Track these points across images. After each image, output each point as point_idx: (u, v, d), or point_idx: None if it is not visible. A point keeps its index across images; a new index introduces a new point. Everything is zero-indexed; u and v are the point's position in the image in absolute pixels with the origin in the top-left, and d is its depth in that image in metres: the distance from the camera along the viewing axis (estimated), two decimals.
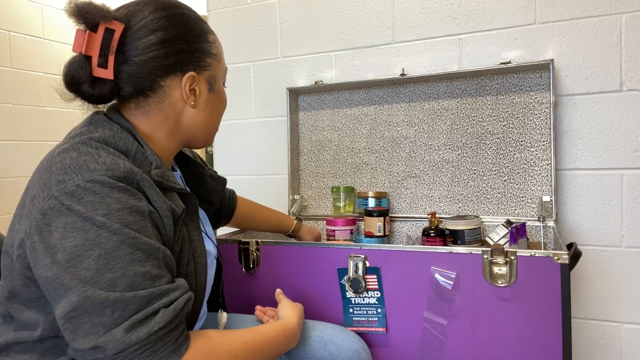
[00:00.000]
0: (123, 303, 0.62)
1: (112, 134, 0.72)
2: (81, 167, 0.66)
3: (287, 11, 1.73)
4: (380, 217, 1.45)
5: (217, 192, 1.02)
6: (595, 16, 1.36)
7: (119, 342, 0.61)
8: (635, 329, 1.37)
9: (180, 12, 0.78)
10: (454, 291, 0.99)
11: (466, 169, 1.50)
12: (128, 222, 0.64)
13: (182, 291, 0.68)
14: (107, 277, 0.62)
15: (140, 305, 0.63)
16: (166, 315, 0.64)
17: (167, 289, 0.66)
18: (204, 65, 0.80)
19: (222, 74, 0.86)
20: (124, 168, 0.67)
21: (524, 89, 1.42)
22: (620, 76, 1.35)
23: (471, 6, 1.49)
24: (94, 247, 0.62)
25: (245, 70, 1.82)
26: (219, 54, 0.84)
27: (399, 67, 1.59)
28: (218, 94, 0.85)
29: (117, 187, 0.65)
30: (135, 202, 0.66)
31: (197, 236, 0.82)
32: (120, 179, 0.66)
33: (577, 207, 1.41)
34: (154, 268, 0.66)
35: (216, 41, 0.84)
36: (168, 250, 0.70)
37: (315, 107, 1.69)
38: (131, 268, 0.63)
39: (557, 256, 0.92)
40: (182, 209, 0.76)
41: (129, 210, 0.65)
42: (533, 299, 0.94)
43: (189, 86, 0.78)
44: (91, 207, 0.63)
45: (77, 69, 0.73)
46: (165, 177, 0.75)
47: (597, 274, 1.39)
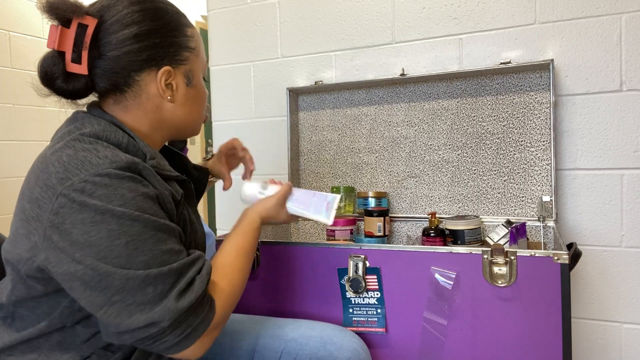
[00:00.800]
0: (162, 277, 0.67)
1: (101, 128, 0.73)
2: (83, 162, 0.67)
3: (287, 11, 1.73)
4: (380, 217, 1.45)
5: (202, 183, 1.04)
6: (595, 16, 1.36)
7: (173, 312, 0.66)
8: (635, 329, 1.37)
9: (155, 5, 0.78)
10: (454, 291, 0.99)
11: (466, 169, 1.50)
12: (144, 207, 0.68)
13: (203, 258, 0.75)
14: (140, 260, 0.66)
15: (177, 276, 0.68)
16: (203, 280, 0.71)
17: (192, 259, 0.72)
18: (181, 60, 0.80)
19: (202, 68, 0.86)
20: (125, 159, 0.69)
21: (524, 89, 1.42)
22: (620, 76, 1.35)
23: (471, 6, 1.49)
24: (120, 235, 0.65)
25: (245, 70, 1.82)
26: (197, 48, 0.84)
27: (399, 67, 1.59)
28: (196, 88, 0.84)
29: (125, 177, 0.67)
30: (144, 189, 0.69)
31: (197, 219, 0.85)
32: (125, 169, 0.68)
33: (577, 207, 1.41)
34: (176, 244, 0.71)
35: (195, 35, 0.83)
36: (179, 228, 0.74)
37: (315, 107, 1.69)
38: (158, 247, 0.68)
39: (557, 256, 0.92)
40: (181, 194, 0.79)
41: (142, 197, 0.68)
42: (533, 299, 0.94)
43: (165, 81, 0.78)
44: (106, 200, 0.65)
45: (50, 65, 0.73)
46: (161, 166, 0.77)
47: (597, 274, 1.39)
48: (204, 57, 0.87)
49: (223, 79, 1.86)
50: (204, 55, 0.87)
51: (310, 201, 1.01)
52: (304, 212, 1.00)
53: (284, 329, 0.98)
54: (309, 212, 1.00)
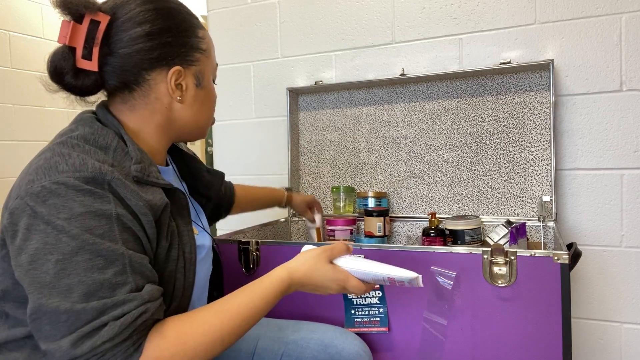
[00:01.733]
0: (75, 314, 0.61)
1: (92, 130, 0.72)
2: (51, 168, 0.65)
3: (287, 11, 1.73)
4: (380, 217, 1.45)
5: (214, 186, 1.01)
6: (595, 16, 1.36)
7: (64, 354, 0.61)
8: (635, 329, 1.37)
9: (168, 5, 0.78)
10: (454, 291, 0.99)
11: (466, 169, 1.50)
12: (90, 226, 0.63)
13: (138, 302, 0.64)
14: (65, 283, 0.61)
15: (93, 316, 0.61)
16: (112, 329, 0.62)
17: (121, 300, 0.63)
18: (192, 60, 0.79)
19: (212, 70, 0.85)
20: (92, 169, 0.65)
21: (524, 89, 1.42)
22: (620, 76, 1.35)
23: (471, 6, 1.49)
24: (53, 251, 0.61)
25: (245, 70, 1.81)
26: (209, 50, 0.83)
27: (399, 67, 1.59)
28: (206, 90, 0.83)
29: (82, 190, 0.64)
30: (101, 205, 0.64)
31: (187, 232, 0.80)
32: (88, 180, 0.65)
33: (577, 207, 1.41)
34: (116, 275, 0.64)
35: (206, 37, 0.83)
36: (138, 256, 0.67)
37: (315, 107, 1.69)
38: (89, 275, 0.62)
39: (557, 256, 0.92)
40: (165, 202, 0.73)
41: (92, 214, 0.63)
42: (533, 299, 0.93)
43: (175, 81, 0.78)
44: (54, 210, 0.62)
45: (60, 60, 0.73)
46: (146, 172, 0.73)
47: (597, 274, 1.39)
48: (215, 60, 0.86)
49: (223, 79, 1.86)
50: (215, 57, 0.87)
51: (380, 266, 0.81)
52: (378, 270, 0.80)
53: (285, 331, 0.97)
54: (387, 270, 0.79)
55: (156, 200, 0.71)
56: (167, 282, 0.74)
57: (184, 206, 0.81)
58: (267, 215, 1.76)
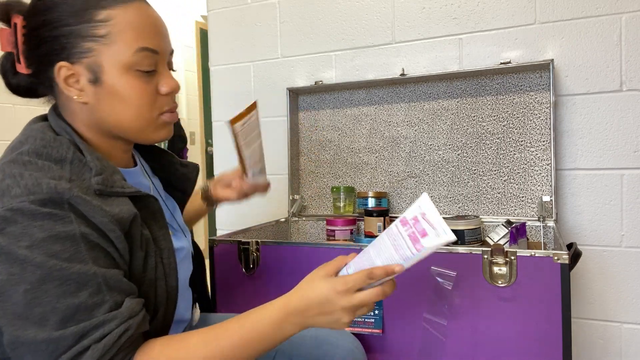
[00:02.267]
0: (53, 342, 0.59)
1: (43, 143, 0.67)
2: (3, 192, 0.61)
3: (287, 11, 1.73)
4: (380, 217, 1.45)
5: (189, 179, 0.95)
6: (595, 16, 1.36)
7: None
8: (635, 329, 1.37)
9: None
10: (454, 291, 0.99)
11: (466, 169, 1.50)
12: (55, 251, 0.59)
13: (119, 321, 0.62)
14: (38, 312, 0.59)
15: (73, 341, 0.59)
16: (95, 352, 0.59)
17: (101, 321, 0.61)
18: (80, 52, 0.68)
19: (123, 59, 0.69)
20: (47, 189, 0.61)
21: (524, 89, 1.42)
22: (620, 76, 1.35)
23: (471, 6, 1.49)
24: (20, 282, 0.58)
25: (245, 70, 1.82)
26: (112, 35, 0.68)
27: (399, 67, 1.59)
28: (109, 85, 0.69)
29: (40, 214, 0.60)
30: (62, 227, 0.61)
31: (163, 236, 0.76)
32: (45, 202, 0.60)
33: (577, 207, 1.41)
34: (91, 296, 0.61)
35: (112, 18, 0.68)
36: (111, 272, 0.64)
37: (315, 107, 1.69)
38: (62, 301, 0.59)
39: (557, 256, 0.92)
40: (133, 214, 0.68)
41: (55, 238, 0.60)
42: (533, 299, 0.93)
43: (65, 79, 0.69)
44: (13, 239, 0.59)
45: (3, 63, 0.74)
46: (109, 183, 0.67)
47: (597, 274, 1.39)
48: (133, 45, 0.69)
49: (223, 79, 1.86)
50: (134, 42, 0.69)
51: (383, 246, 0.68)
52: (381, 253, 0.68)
53: None
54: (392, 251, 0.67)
55: (123, 213, 0.66)
56: (149, 291, 0.71)
57: (157, 210, 0.76)
58: (267, 215, 1.76)
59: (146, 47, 0.70)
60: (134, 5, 0.70)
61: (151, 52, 0.71)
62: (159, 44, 0.72)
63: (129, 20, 0.69)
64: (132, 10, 0.69)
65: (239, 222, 1.82)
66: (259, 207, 1.80)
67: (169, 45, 0.76)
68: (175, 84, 0.75)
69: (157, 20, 0.73)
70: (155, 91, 0.73)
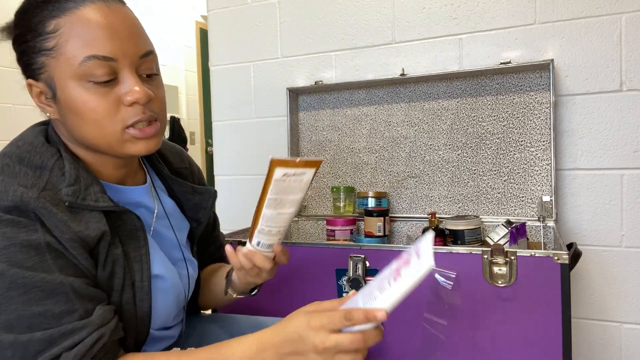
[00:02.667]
0: (21, 346, 0.57)
1: (31, 147, 0.66)
2: None
3: (287, 11, 1.73)
4: (380, 217, 1.45)
5: (203, 208, 0.87)
6: (595, 16, 1.36)
7: None
8: (635, 329, 1.37)
9: (20, 7, 0.67)
10: (454, 291, 0.99)
11: (466, 169, 1.50)
12: (18, 260, 0.58)
13: (90, 329, 0.60)
14: (2, 319, 0.57)
15: (40, 347, 0.57)
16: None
17: (70, 329, 0.59)
18: (37, 69, 0.65)
19: (71, 72, 0.63)
20: (12, 197, 0.59)
21: (524, 89, 1.42)
22: (620, 76, 1.35)
23: (471, 6, 1.49)
24: None
25: (245, 70, 1.81)
26: (59, 46, 0.62)
27: (399, 67, 1.59)
28: (63, 100, 0.65)
29: (4, 221, 0.58)
30: (26, 235, 0.59)
31: (139, 258, 0.70)
32: (9, 209, 0.59)
33: (577, 207, 1.41)
34: (59, 304, 0.59)
35: (59, 28, 0.62)
36: (80, 281, 0.61)
37: (315, 107, 1.69)
38: (27, 309, 0.58)
39: (557, 256, 0.92)
40: (102, 232, 0.65)
41: (18, 246, 0.58)
42: (533, 299, 0.93)
43: (35, 96, 0.68)
44: None
45: None
46: (81, 195, 0.64)
47: (597, 274, 1.39)
48: (81, 55, 0.62)
49: (223, 79, 1.86)
50: (83, 49, 0.62)
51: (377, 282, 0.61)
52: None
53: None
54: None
55: (89, 231, 0.63)
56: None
57: (137, 229, 0.71)
58: None
59: (94, 55, 0.62)
60: (84, 9, 0.63)
61: (102, 60, 0.63)
62: (115, 48, 0.63)
63: (76, 27, 0.62)
64: (80, 16, 0.62)
65: (238, 222, 1.82)
66: None
67: (138, 47, 0.66)
68: (140, 93, 0.65)
69: (115, 22, 0.64)
70: (116, 102, 0.65)
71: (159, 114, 0.70)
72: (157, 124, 0.70)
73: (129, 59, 0.65)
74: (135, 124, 0.66)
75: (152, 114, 0.68)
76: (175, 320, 0.84)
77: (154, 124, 0.69)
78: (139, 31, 0.68)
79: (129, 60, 0.65)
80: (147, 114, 0.67)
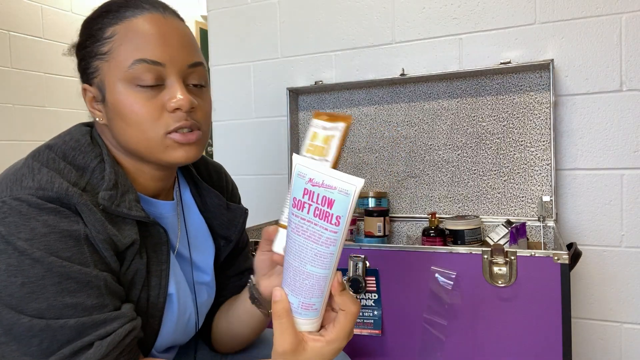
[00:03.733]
0: (50, 332, 0.56)
1: (76, 145, 0.67)
2: (15, 181, 0.60)
3: (287, 11, 1.73)
4: (380, 217, 1.45)
5: (235, 225, 0.85)
6: (595, 16, 1.36)
7: None
8: (635, 329, 1.37)
9: (86, 18, 0.71)
10: (454, 291, 0.99)
11: (466, 169, 1.50)
12: (56, 249, 0.58)
13: (123, 321, 0.61)
14: (33, 307, 0.57)
15: (71, 336, 0.57)
16: (99, 349, 0.58)
17: (103, 319, 0.59)
18: (92, 73, 0.68)
19: (121, 74, 0.65)
20: (58, 188, 0.60)
21: (524, 89, 1.42)
22: (620, 76, 1.35)
23: (471, 6, 1.49)
24: (17, 273, 0.57)
25: (245, 70, 1.81)
26: (112, 50, 0.66)
27: (399, 67, 1.59)
28: (111, 103, 0.67)
29: (46, 209, 0.59)
30: (67, 225, 0.60)
31: (159, 272, 0.70)
32: (52, 199, 0.60)
33: (577, 207, 1.41)
34: (91, 298, 0.59)
35: (116, 33, 0.66)
36: (110, 277, 0.62)
37: (315, 107, 1.69)
38: (59, 299, 0.57)
39: (557, 256, 0.92)
40: (133, 240, 0.66)
41: (58, 235, 0.59)
42: (533, 299, 0.93)
43: (88, 101, 0.70)
44: (14, 229, 0.57)
45: None
46: (116, 201, 0.65)
47: (597, 274, 1.39)
48: (131, 56, 0.65)
49: (223, 79, 1.86)
50: (134, 53, 0.65)
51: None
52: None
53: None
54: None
55: (122, 237, 0.64)
56: None
57: (162, 243, 0.71)
58: (267, 215, 1.76)
59: (143, 59, 0.64)
60: (140, 18, 0.66)
61: (151, 64, 0.65)
62: (164, 54, 0.66)
63: (130, 32, 0.65)
64: (135, 23, 0.66)
65: None
66: (259, 208, 1.80)
67: (187, 57, 0.68)
68: (183, 100, 0.66)
69: (168, 30, 0.67)
70: (161, 107, 0.66)
71: (202, 124, 0.71)
72: (199, 132, 0.70)
73: (176, 66, 0.67)
74: (177, 129, 0.67)
75: (194, 122, 0.68)
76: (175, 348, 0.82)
77: (196, 131, 0.69)
78: (190, 43, 0.70)
79: (176, 67, 0.67)
80: (189, 121, 0.68)
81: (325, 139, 0.65)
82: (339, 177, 0.49)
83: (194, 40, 0.72)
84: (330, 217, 0.51)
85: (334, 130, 0.64)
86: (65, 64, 0.75)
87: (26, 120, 2.43)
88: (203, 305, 0.83)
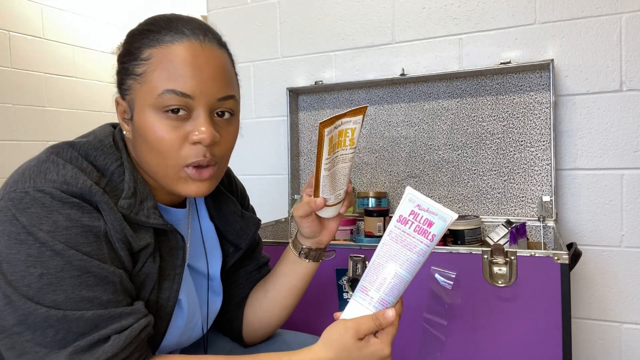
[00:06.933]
0: (67, 323, 0.57)
1: (99, 145, 0.68)
2: (39, 173, 0.61)
3: (287, 11, 1.73)
4: (380, 217, 1.45)
5: (245, 234, 0.85)
6: (595, 16, 1.36)
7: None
8: (635, 329, 1.37)
9: (131, 30, 0.72)
10: (454, 291, 0.99)
11: (466, 169, 1.50)
12: (76, 243, 0.59)
13: (138, 316, 0.62)
14: (50, 299, 0.57)
15: (87, 328, 0.58)
16: (117, 342, 0.58)
17: (119, 313, 0.60)
18: (125, 90, 0.69)
19: (151, 100, 0.65)
20: (82, 185, 0.61)
21: (524, 89, 1.42)
22: (620, 76, 1.35)
23: (471, 6, 1.49)
24: (36, 264, 0.57)
25: (245, 70, 1.82)
26: (146, 73, 0.66)
27: (399, 67, 1.59)
28: (136, 124, 0.67)
29: (69, 203, 0.60)
30: (89, 220, 0.60)
31: (172, 276, 0.72)
32: (76, 194, 0.60)
33: (577, 207, 1.41)
34: (107, 293, 0.60)
35: (152, 57, 0.66)
36: (125, 275, 0.63)
37: (315, 107, 1.69)
38: (77, 292, 0.58)
39: (557, 256, 0.92)
40: (147, 243, 0.67)
41: (79, 229, 0.59)
42: (533, 299, 0.94)
43: (119, 112, 0.71)
44: (36, 220, 0.58)
45: None
46: (134, 210, 0.66)
47: (597, 274, 1.39)
48: (162, 86, 0.65)
49: None
50: (166, 83, 0.65)
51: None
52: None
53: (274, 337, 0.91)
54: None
55: (137, 239, 0.66)
56: None
57: (178, 248, 0.73)
58: (267, 215, 1.76)
59: (173, 90, 0.64)
60: (178, 45, 0.66)
61: (180, 96, 0.64)
62: (194, 87, 0.65)
63: (165, 60, 0.65)
64: (172, 50, 0.65)
65: None
66: (259, 208, 1.80)
67: (218, 89, 0.68)
68: (205, 134, 0.65)
69: (203, 61, 0.67)
70: (184, 137, 0.66)
71: (221, 159, 0.71)
72: (214, 168, 0.70)
73: (205, 98, 0.66)
74: (193, 164, 0.67)
75: (212, 157, 0.68)
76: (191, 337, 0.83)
77: (211, 168, 0.69)
78: (225, 75, 0.70)
79: (205, 100, 0.67)
80: (207, 157, 0.67)
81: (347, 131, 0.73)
82: (440, 208, 0.66)
83: (230, 69, 0.73)
84: (428, 234, 0.66)
85: (356, 124, 0.73)
86: (66, 64, 0.75)
87: (26, 120, 2.43)
88: (211, 312, 0.84)
